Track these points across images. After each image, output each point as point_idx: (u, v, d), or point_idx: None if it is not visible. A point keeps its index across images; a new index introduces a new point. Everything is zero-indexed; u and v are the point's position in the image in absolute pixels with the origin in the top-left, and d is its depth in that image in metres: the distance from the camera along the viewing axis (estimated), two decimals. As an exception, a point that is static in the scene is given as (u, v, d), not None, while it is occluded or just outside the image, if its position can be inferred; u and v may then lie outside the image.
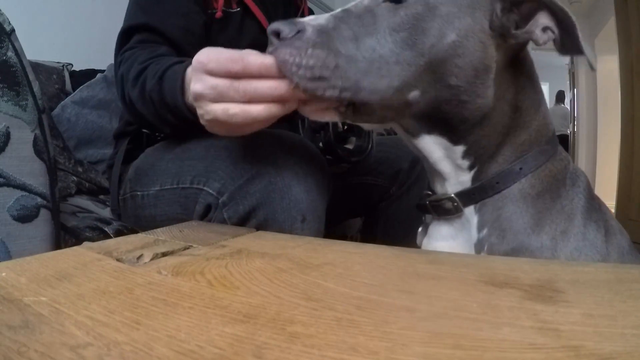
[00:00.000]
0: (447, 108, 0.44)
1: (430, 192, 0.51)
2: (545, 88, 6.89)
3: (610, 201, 2.71)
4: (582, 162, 4.53)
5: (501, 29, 0.42)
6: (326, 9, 2.52)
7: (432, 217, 0.52)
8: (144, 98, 0.57)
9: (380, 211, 0.89)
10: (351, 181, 0.86)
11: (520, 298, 0.23)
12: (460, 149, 0.46)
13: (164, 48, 0.63)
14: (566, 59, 5.20)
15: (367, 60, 0.41)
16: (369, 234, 0.94)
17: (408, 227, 0.83)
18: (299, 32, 0.40)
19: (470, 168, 0.47)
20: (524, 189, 0.46)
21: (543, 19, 0.42)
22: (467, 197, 0.47)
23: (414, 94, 0.42)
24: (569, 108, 5.26)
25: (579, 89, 4.62)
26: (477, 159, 0.46)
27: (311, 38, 0.40)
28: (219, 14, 0.72)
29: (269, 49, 0.41)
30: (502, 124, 0.46)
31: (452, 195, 0.47)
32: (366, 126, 0.60)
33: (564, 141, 5.21)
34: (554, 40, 0.42)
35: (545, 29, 0.42)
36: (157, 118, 0.58)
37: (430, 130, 0.46)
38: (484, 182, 0.46)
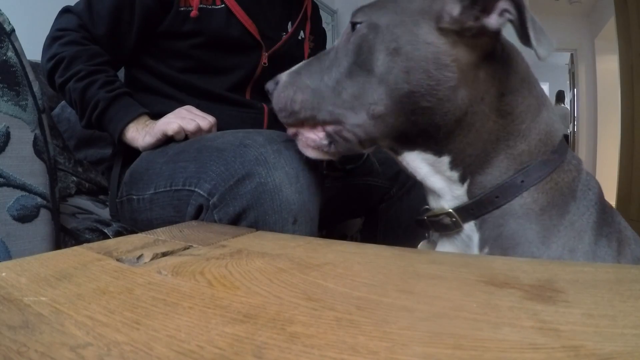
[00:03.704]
0: (415, 118, 0.43)
1: (428, 207, 0.49)
2: (545, 88, 6.86)
3: (610, 201, 2.70)
4: (582, 162, 4.53)
5: (453, 25, 0.41)
6: (326, 8, 2.52)
7: (439, 234, 0.50)
8: (83, 95, 0.69)
9: (381, 212, 0.89)
10: (351, 182, 0.86)
11: (520, 298, 0.23)
12: (445, 160, 0.45)
13: (96, 48, 0.72)
14: (566, 59, 5.21)
15: (328, 88, 0.46)
16: (369, 234, 0.94)
17: (408, 228, 0.83)
18: (277, 83, 0.50)
19: (462, 180, 0.45)
20: (527, 203, 0.43)
21: (503, 4, 0.40)
22: (466, 212, 0.45)
23: (378, 109, 0.43)
24: (569, 108, 5.26)
25: (579, 89, 4.63)
26: (466, 169, 0.44)
27: (283, 84, 0.49)
28: (194, 13, 0.72)
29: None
30: (486, 129, 0.43)
31: (450, 210, 0.45)
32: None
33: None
34: (514, 25, 0.39)
35: (502, 12, 0.39)
36: (75, 105, 0.71)
37: (411, 146, 0.45)
38: (483, 197, 0.44)
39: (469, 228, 0.45)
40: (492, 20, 0.40)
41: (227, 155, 0.54)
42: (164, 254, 0.35)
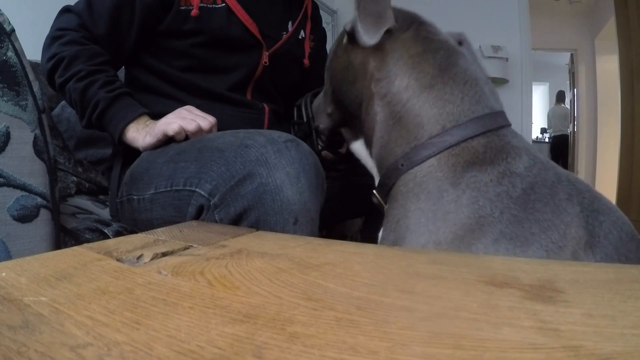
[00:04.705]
0: (344, 112, 0.57)
1: None
2: (545, 88, 6.90)
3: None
4: (582, 162, 4.53)
5: (346, 40, 0.53)
6: (326, 8, 2.52)
7: None
8: (83, 95, 0.68)
9: (381, 212, 0.89)
10: (351, 182, 0.86)
11: (520, 298, 0.23)
12: (362, 142, 0.55)
13: (96, 47, 0.72)
14: (566, 59, 5.21)
15: (318, 103, 0.67)
16: (369, 234, 0.94)
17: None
18: None
19: (371, 156, 0.53)
20: (399, 186, 0.46)
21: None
22: (378, 192, 0.52)
23: (328, 109, 0.61)
24: (569, 108, 5.26)
25: (579, 89, 4.63)
26: (371, 149, 0.53)
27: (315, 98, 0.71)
28: (195, 12, 0.72)
29: None
30: (374, 112, 0.50)
31: (374, 191, 0.54)
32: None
33: (564, 141, 5.22)
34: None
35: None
36: (75, 105, 0.70)
37: (353, 136, 0.58)
38: (381, 178, 0.50)
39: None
40: (348, 27, 0.51)
41: (228, 155, 0.54)
42: (164, 254, 0.35)
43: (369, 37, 0.47)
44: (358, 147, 0.57)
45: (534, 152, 0.44)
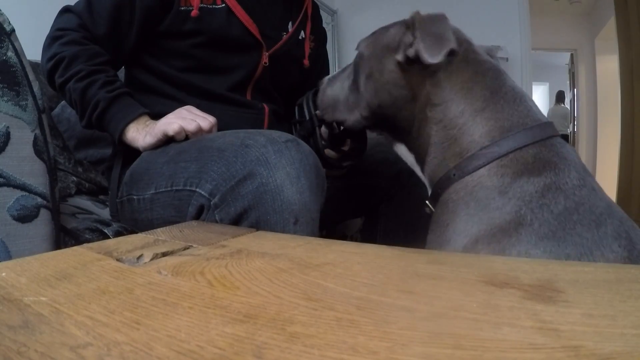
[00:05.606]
0: (387, 121, 0.57)
1: None
2: (545, 88, 6.90)
3: (610, 201, 2.71)
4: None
5: (402, 57, 0.51)
6: (326, 8, 2.52)
7: None
8: (83, 95, 0.68)
9: (381, 212, 0.89)
10: (352, 182, 0.86)
11: (520, 298, 0.23)
12: (414, 156, 0.56)
13: (96, 47, 0.72)
14: (566, 59, 5.21)
15: (340, 98, 0.63)
16: (369, 234, 0.94)
17: (408, 228, 0.83)
18: (322, 84, 0.68)
19: (422, 171, 0.55)
20: (450, 194, 0.48)
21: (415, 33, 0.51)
22: (430, 201, 0.53)
23: (364, 113, 0.58)
24: (569, 108, 5.26)
25: (579, 89, 4.63)
26: (423, 165, 0.54)
27: (322, 88, 0.67)
28: (195, 12, 0.72)
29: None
30: (427, 133, 0.51)
31: (427, 201, 0.54)
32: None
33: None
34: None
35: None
36: (75, 105, 0.70)
37: (397, 139, 0.59)
38: (433, 189, 0.52)
39: None
40: (410, 52, 0.50)
41: (229, 155, 0.54)
42: (164, 254, 0.35)
43: (431, 56, 0.47)
44: (403, 151, 0.58)
45: (583, 172, 0.45)
